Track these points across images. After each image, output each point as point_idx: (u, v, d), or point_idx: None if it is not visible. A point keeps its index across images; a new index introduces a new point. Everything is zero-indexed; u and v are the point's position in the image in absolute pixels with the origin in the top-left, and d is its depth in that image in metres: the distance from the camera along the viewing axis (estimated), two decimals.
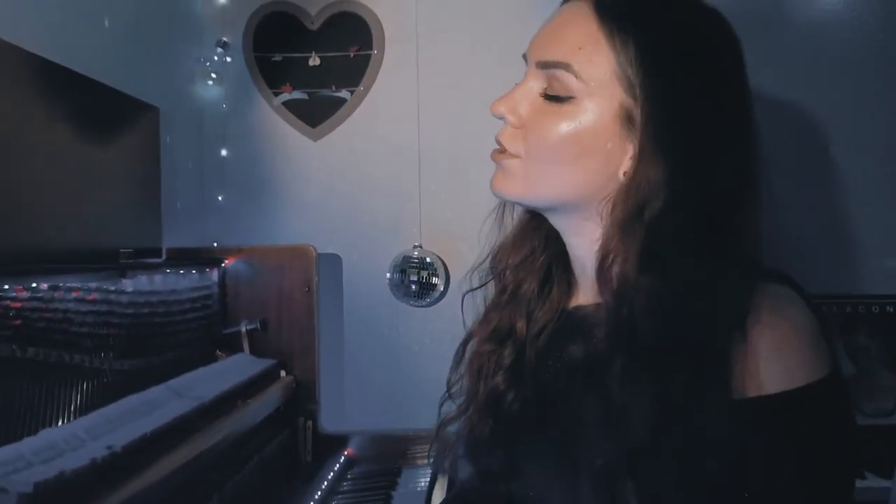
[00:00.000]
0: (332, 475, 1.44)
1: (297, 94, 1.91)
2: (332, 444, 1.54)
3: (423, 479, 1.45)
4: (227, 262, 1.54)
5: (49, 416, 0.92)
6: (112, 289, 1.10)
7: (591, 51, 0.69)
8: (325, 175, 1.91)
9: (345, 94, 1.90)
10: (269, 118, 1.92)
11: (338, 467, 1.49)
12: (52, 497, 0.70)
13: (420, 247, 1.87)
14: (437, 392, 0.91)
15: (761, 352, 0.62)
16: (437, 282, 1.86)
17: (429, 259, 1.86)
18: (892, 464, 1.24)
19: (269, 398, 1.36)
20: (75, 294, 1.00)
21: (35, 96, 1.06)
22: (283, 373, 1.51)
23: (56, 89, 1.10)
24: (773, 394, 0.61)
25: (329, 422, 1.56)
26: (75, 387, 0.98)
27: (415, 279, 1.87)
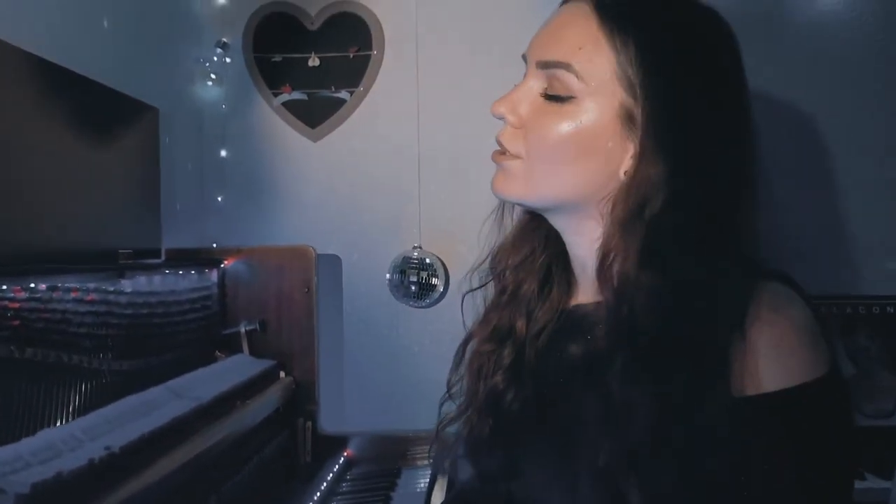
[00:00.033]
0: (331, 476, 1.44)
1: (296, 95, 1.91)
2: (331, 445, 1.54)
3: (422, 479, 1.45)
4: (226, 262, 1.54)
5: (47, 417, 0.92)
6: (111, 289, 1.10)
7: (591, 51, 0.69)
8: (324, 176, 1.91)
9: (344, 94, 1.90)
10: (269, 119, 1.92)
11: (337, 468, 1.49)
12: (49, 498, 0.70)
13: (420, 247, 1.87)
14: (436, 393, 0.91)
15: (760, 350, 0.62)
16: (437, 282, 1.86)
17: (428, 260, 1.86)
18: (893, 465, 1.24)
19: (269, 399, 1.36)
20: (74, 294, 1.00)
21: (34, 97, 1.06)
22: (282, 373, 1.51)
23: (55, 90, 1.10)
24: (772, 392, 0.61)
25: (328, 422, 1.56)
26: (74, 387, 0.98)
27: (414, 280, 1.87)
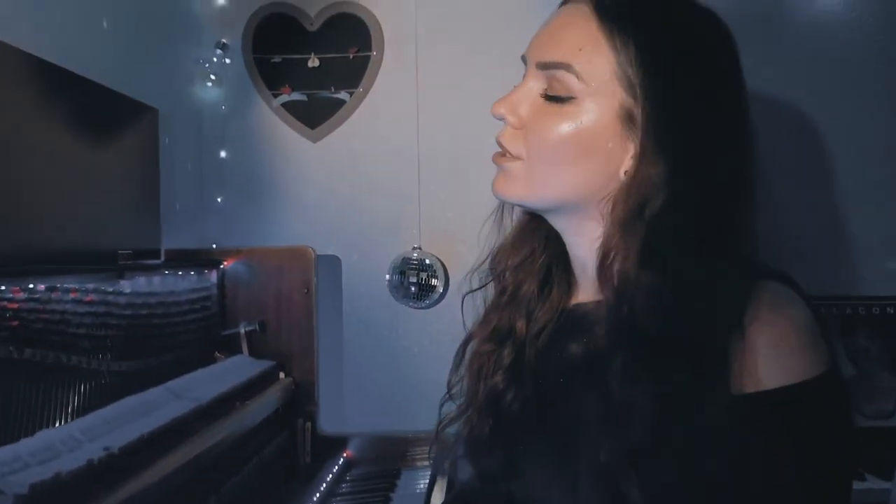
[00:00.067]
0: (330, 477, 1.44)
1: (296, 96, 1.91)
2: (330, 446, 1.54)
3: (422, 480, 1.45)
4: (225, 263, 1.54)
5: (46, 418, 0.92)
6: (110, 290, 1.09)
7: (591, 51, 0.69)
8: (324, 176, 1.91)
9: (344, 95, 1.90)
10: (269, 119, 1.92)
11: (337, 469, 1.48)
12: (48, 498, 0.70)
13: (419, 248, 1.87)
14: (436, 393, 0.91)
15: (760, 348, 0.62)
16: (437, 283, 1.86)
17: (428, 261, 1.86)
18: (893, 465, 1.24)
19: (268, 400, 1.36)
20: (73, 295, 1.00)
21: (34, 98, 1.06)
22: (281, 374, 1.51)
23: (55, 90, 1.10)
24: (771, 389, 0.61)
25: (328, 423, 1.56)
26: (73, 388, 0.98)
27: (414, 281, 1.87)
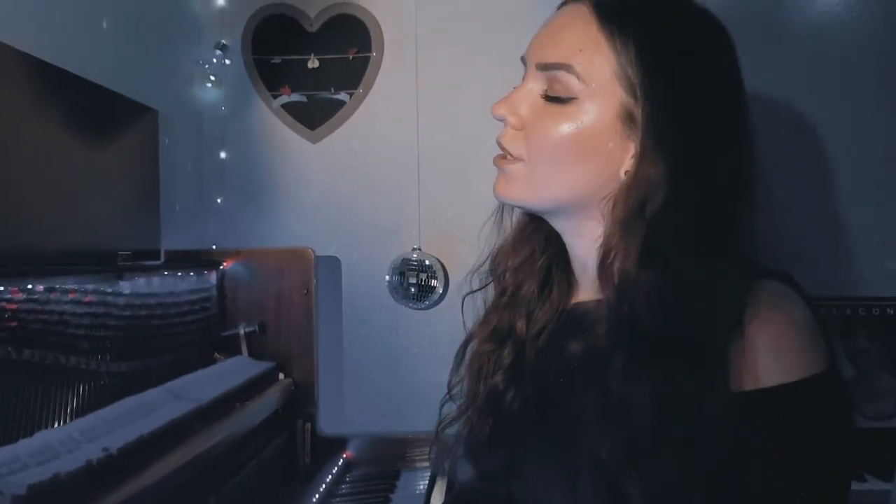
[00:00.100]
0: (330, 478, 1.44)
1: (295, 97, 1.91)
2: (330, 447, 1.53)
3: (421, 481, 1.45)
4: (225, 264, 1.54)
5: (45, 418, 0.92)
6: (109, 291, 1.09)
7: (591, 52, 0.69)
8: (323, 177, 1.91)
9: (344, 96, 1.90)
10: (268, 120, 1.92)
11: (336, 470, 1.48)
12: (46, 499, 0.70)
13: (419, 249, 1.87)
14: (436, 394, 0.91)
15: (759, 346, 0.62)
16: (436, 284, 1.86)
17: (428, 262, 1.86)
18: (893, 466, 1.23)
19: (268, 400, 1.36)
20: (72, 296, 1.00)
21: (33, 98, 1.06)
22: (281, 375, 1.51)
23: (54, 91, 1.10)
24: (771, 387, 0.62)
25: (328, 424, 1.56)
26: (72, 389, 0.97)
27: (414, 282, 1.86)
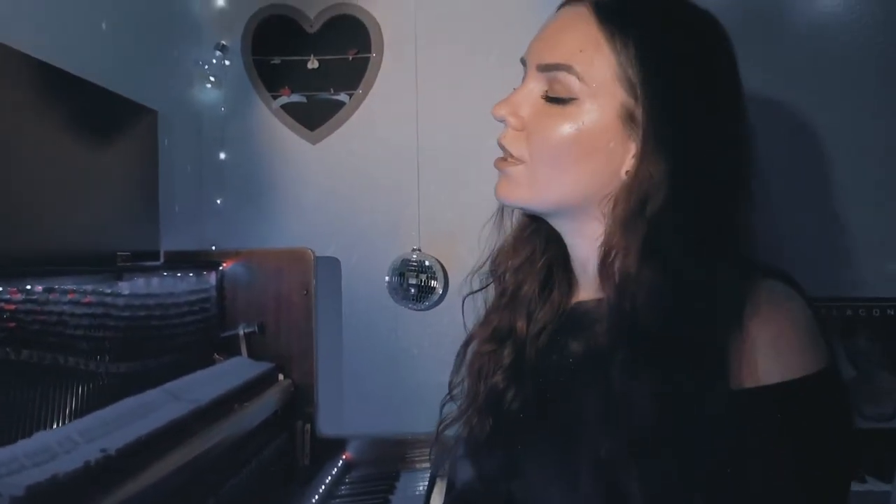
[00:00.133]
0: (329, 479, 1.44)
1: (295, 97, 1.91)
2: (330, 448, 1.53)
3: (421, 482, 1.45)
4: (225, 265, 1.54)
5: (43, 419, 0.91)
6: (108, 291, 1.09)
7: (592, 53, 0.70)
8: (323, 178, 1.91)
9: (343, 97, 1.90)
10: (268, 121, 1.92)
11: (336, 471, 1.48)
12: (44, 500, 0.70)
13: (419, 250, 1.87)
14: (435, 395, 0.91)
15: (759, 344, 0.63)
16: (436, 285, 1.86)
17: (427, 262, 1.86)
18: (893, 467, 1.23)
19: (267, 401, 1.35)
20: (71, 296, 1.00)
21: (33, 99, 1.06)
22: (280, 376, 1.51)
23: (54, 92, 1.10)
24: (770, 385, 0.62)
25: (327, 425, 1.55)
26: (70, 390, 0.97)
27: (413, 282, 1.86)
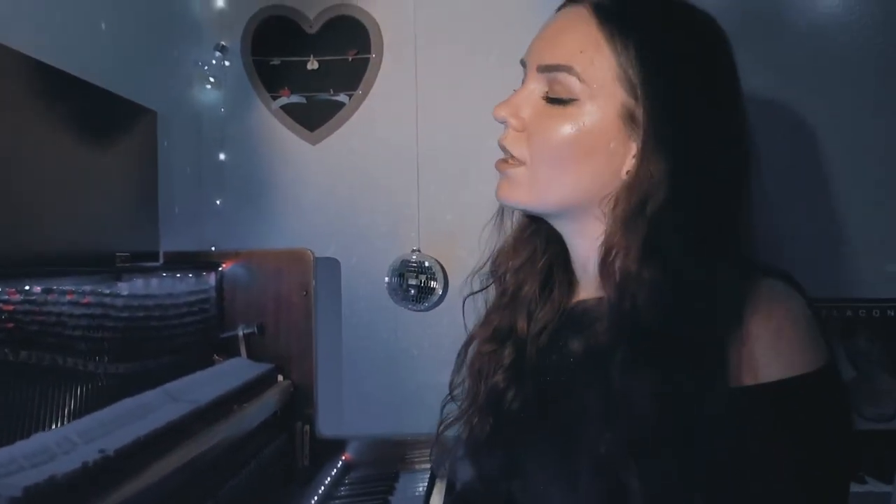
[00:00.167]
0: (329, 480, 1.44)
1: (295, 98, 1.91)
2: (329, 449, 1.53)
3: (421, 483, 1.45)
4: (224, 265, 1.54)
5: (42, 420, 0.91)
6: (107, 292, 1.09)
7: (592, 53, 0.70)
8: (323, 179, 1.91)
9: (343, 97, 1.90)
10: (268, 122, 1.92)
11: (335, 472, 1.48)
12: (42, 501, 0.70)
13: (418, 251, 1.86)
14: (435, 396, 0.91)
15: (758, 343, 0.63)
16: (436, 286, 1.85)
17: (427, 263, 1.86)
18: (893, 468, 1.23)
19: (266, 402, 1.35)
20: (69, 297, 0.99)
21: (32, 100, 1.06)
22: (280, 377, 1.51)
23: (53, 93, 1.10)
24: (769, 382, 0.62)
25: (326, 426, 1.55)
26: (69, 390, 0.97)
27: (413, 283, 1.86)
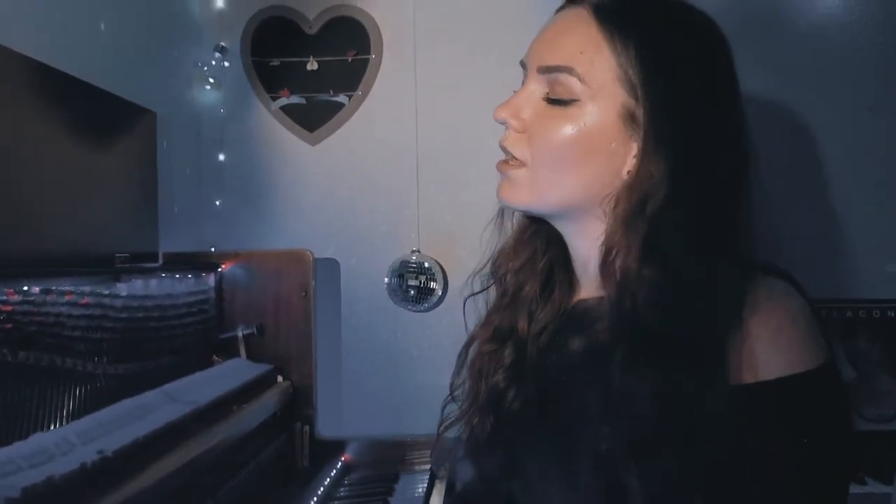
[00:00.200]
0: (328, 481, 1.44)
1: (294, 99, 1.91)
2: (329, 450, 1.53)
3: (420, 484, 1.45)
4: (224, 266, 1.54)
5: (41, 421, 0.91)
6: (106, 293, 1.09)
7: (592, 54, 0.70)
8: (322, 179, 1.91)
9: (343, 98, 1.90)
10: (267, 123, 1.92)
11: (335, 473, 1.48)
12: (40, 502, 0.70)
13: (418, 251, 1.86)
14: (435, 397, 0.91)
15: (758, 341, 0.63)
16: (436, 287, 1.85)
17: (427, 264, 1.86)
18: (893, 469, 1.23)
19: (266, 403, 1.35)
20: (68, 298, 0.99)
21: (32, 100, 1.06)
22: (279, 378, 1.50)
23: (53, 93, 1.10)
24: (769, 380, 0.62)
25: (326, 427, 1.55)
26: (68, 391, 0.97)
27: (413, 284, 1.86)
